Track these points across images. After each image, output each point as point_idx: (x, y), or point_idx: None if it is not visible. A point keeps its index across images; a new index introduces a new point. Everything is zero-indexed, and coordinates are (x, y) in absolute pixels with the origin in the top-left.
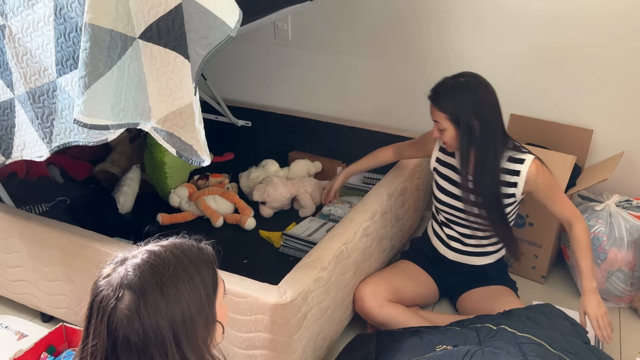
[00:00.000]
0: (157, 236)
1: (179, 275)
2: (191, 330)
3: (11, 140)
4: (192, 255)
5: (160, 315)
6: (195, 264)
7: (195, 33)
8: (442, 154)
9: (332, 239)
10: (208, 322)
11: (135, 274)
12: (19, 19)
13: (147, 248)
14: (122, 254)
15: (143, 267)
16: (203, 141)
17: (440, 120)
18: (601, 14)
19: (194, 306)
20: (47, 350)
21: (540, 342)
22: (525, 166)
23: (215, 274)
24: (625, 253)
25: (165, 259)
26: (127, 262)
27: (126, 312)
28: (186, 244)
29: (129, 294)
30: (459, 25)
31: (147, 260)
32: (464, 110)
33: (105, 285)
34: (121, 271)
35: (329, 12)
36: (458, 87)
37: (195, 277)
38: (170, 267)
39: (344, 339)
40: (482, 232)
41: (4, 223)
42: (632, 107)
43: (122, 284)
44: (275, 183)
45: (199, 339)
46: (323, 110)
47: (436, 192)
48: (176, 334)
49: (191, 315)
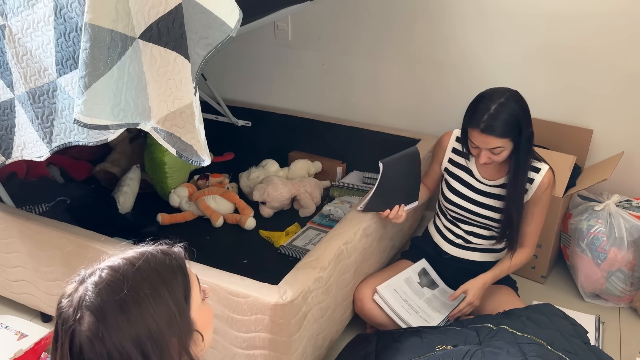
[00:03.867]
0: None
1: (141, 289)
2: (162, 345)
3: (11, 140)
4: (157, 264)
5: (123, 335)
6: (160, 274)
7: (195, 33)
8: (454, 155)
9: (332, 239)
10: (182, 334)
11: (93, 294)
12: (19, 19)
13: (107, 263)
14: (84, 271)
15: (100, 286)
16: (203, 141)
17: (500, 144)
18: (601, 14)
19: (161, 320)
20: (47, 350)
21: (540, 342)
22: (540, 176)
23: (186, 281)
24: (625, 253)
25: (125, 273)
26: (87, 281)
27: (87, 334)
28: (150, 252)
29: (88, 315)
30: (460, 25)
31: (105, 277)
32: (521, 126)
33: (67, 305)
34: (81, 291)
35: (329, 12)
36: (505, 108)
37: (161, 289)
38: (129, 281)
39: (344, 339)
40: (488, 232)
41: (4, 223)
42: (632, 107)
43: (81, 306)
44: (275, 183)
45: (172, 353)
46: (323, 110)
47: (445, 192)
48: (145, 352)
49: (159, 329)
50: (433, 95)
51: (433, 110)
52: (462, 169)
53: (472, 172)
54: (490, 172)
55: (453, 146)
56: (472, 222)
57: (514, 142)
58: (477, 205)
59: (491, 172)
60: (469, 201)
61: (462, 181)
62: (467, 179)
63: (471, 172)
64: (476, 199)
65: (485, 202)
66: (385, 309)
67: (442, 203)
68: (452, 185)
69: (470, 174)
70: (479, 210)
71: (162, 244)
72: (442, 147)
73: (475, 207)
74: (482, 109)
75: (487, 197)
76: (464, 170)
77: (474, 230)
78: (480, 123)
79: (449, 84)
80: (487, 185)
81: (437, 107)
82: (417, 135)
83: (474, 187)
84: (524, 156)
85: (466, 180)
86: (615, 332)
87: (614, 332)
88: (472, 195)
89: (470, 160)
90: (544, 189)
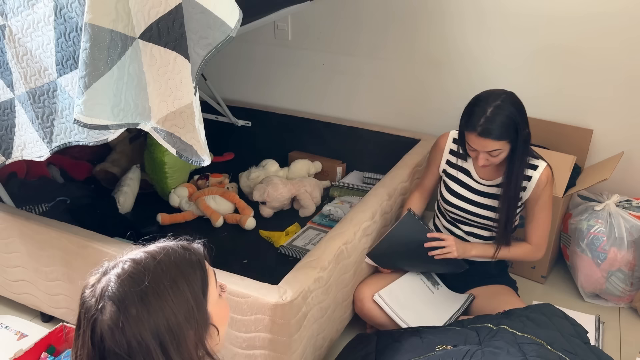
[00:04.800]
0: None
1: (161, 282)
2: (179, 337)
3: (11, 140)
4: (177, 258)
5: (143, 326)
6: (180, 268)
7: (195, 33)
8: (452, 156)
9: (332, 239)
10: (199, 327)
11: (116, 284)
12: (19, 19)
13: (130, 256)
14: (107, 263)
15: (123, 277)
16: (203, 141)
17: (498, 147)
18: (601, 14)
19: (180, 312)
20: (47, 350)
21: (540, 342)
22: (537, 173)
23: (204, 275)
24: (625, 253)
25: (146, 265)
26: (110, 272)
27: (108, 323)
28: (171, 247)
29: (110, 305)
30: (460, 25)
31: (127, 269)
32: (518, 127)
33: (90, 295)
34: (104, 281)
35: (329, 12)
36: (501, 110)
37: (180, 282)
38: (150, 274)
39: (344, 339)
40: (488, 232)
41: (4, 223)
42: (632, 107)
43: (103, 296)
44: (275, 183)
45: (189, 345)
46: (323, 110)
47: (444, 194)
48: (162, 343)
49: (177, 322)
50: (433, 96)
51: (433, 111)
52: (460, 170)
53: (470, 173)
54: (488, 172)
55: (450, 148)
56: (472, 222)
57: (511, 144)
58: (476, 206)
59: (489, 172)
60: (467, 202)
61: (460, 182)
62: (465, 180)
63: (469, 172)
64: (475, 199)
65: (484, 202)
66: (385, 309)
67: (440, 204)
68: (450, 187)
69: (468, 175)
70: (477, 211)
71: (182, 240)
72: (439, 149)
73: (474, 208)
74: (479, 112)
75: (485, 197)
76: (461, 171)
77: (474, 231)
78: (477, 126)
79: (449, 84)
80: (485, 186)
81: (437, 107)
82: (416, 135)
83: (472, 188)
84: (521, 155)
85: (464, 182)
86: (615, 332)
87: (614, 332)
88: (470, 196)
89: (468, 161)
90: (543, 186)
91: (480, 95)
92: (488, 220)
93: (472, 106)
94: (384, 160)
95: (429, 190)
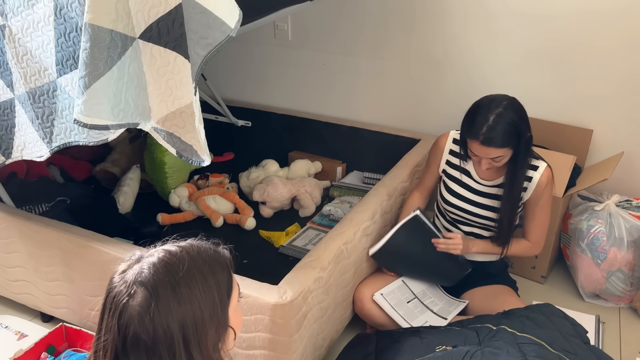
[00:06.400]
0: (175, 237)
1: (193, 276)
2: (201, 333)
3: (11, 140)
4: (208, 257)
5: (171, 315)
6: (210, 266)
7: (195, 33)
8: (452, 157)
9: (332, 239)
10: (220, 327)
11: (150, 272)
12: (19, 19)
13: (164, 247)
14: (140, 252)
15: (158, 265)
16: (203, 141)
17: (501, 154)
18: (601, 13)
19: (206, 308)
20: (47, 350)
21: (540, 342)
22: (537, 173)
23: (230, 278)
24: (625, 253)
25: (181, 258)
26: (143, 260)
27: (137, 309)
28: (203, 246)
29: (142, 291)
30: (460, 25)
31: (163, 258)
32: (520, 133)
33: (120, 281)
34: (136, 268)
35: (329, 12)
36: (503, 118)
37: (210, 279)
38: (185, 266)
39: (344, 339)
40: (488, 232)
41: (4, 223)
42: (631, 107)
43: (136, 281)
44: (275, 183)
45: (209, 343)
46: (323, 110)
47: (444, 194)
48: (186, 335)
49: (202, 317)
50: (433, 95)
51: (433, 111)
52: (460, 171)
53: (470, 174)
54: (488, 173)
55: (450, 148)
56: (472, 223)
57: (513, 149)
58: (476, 206)
59: (489, 173)
60: (467, 202)
61: (460, 183)
62: (465, 180)
63: (469, 173)
64: (475, 200)
65: (484, 202)
66: (385, 309)
67: (440, 204)
68: (450, 187)
69: (468, 175)
70: (477, 211)
71: (212, 242)
72: (439, 149)
73: (474, 208)
74: (481, 120)
75: (485, 197)
76: (461, 171)
77: (474, 232)
78: (479, 135)
79: (449, 84)
80: (486, 186)
81: (437, 107)
82: (416, 135)
83: (472, 188)
84: (522, 157)
85: (464, 182)
86: (615, 332)
87: (614, 332)
88: (470, 197)
89: (468, 162)
90: (543, 186)
91: (481, 101)
92: (488, 221)
93: (473, 114)
94: (384, 160)
95: (429, 190)
